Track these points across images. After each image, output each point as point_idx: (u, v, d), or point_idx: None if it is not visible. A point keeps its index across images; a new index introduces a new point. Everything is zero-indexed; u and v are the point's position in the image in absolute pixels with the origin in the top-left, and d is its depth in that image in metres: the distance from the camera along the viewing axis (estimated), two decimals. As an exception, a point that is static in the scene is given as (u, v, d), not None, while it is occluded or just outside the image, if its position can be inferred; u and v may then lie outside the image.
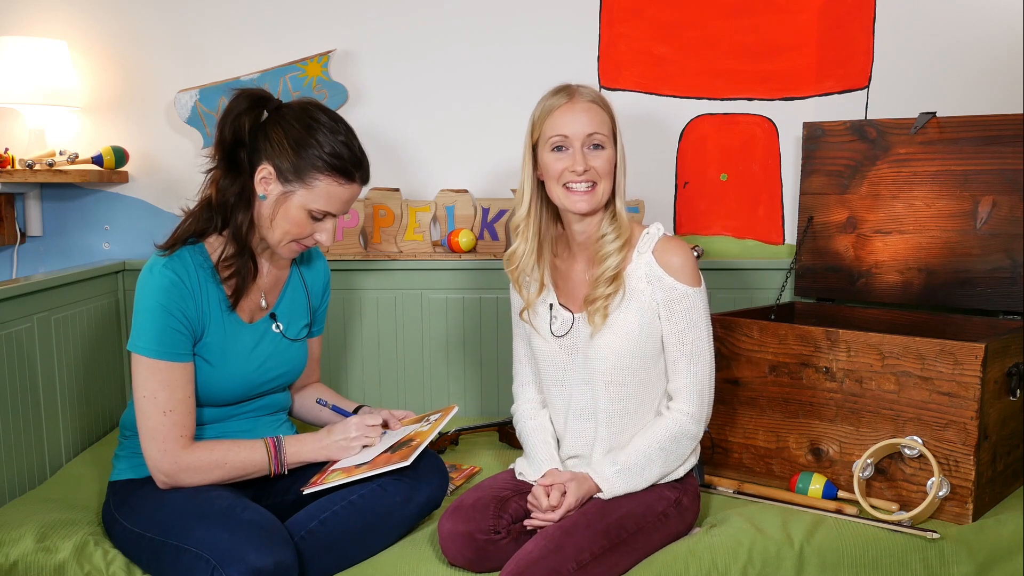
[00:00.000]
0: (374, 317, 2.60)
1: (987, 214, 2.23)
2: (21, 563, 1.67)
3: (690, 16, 2.63)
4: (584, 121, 1.74)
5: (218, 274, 1.75)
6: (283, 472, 1.75)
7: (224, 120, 1.72)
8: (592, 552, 1.62)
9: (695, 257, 1.81)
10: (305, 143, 1.69)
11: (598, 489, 1.75)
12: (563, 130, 1.75)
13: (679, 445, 1.78)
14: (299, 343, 1.90)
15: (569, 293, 1.85)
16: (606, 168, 1.76)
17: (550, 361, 1.85)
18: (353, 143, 1.74)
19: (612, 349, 1.77)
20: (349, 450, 1.78)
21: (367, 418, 1.82)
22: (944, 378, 1.84)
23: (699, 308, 1.78)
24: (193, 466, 1.69)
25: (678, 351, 1.78)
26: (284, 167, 1.69)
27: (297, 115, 1.72)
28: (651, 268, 1.77)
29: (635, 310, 1.77)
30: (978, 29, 2.57)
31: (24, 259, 2.67)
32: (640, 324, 1.77)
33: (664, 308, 1.77)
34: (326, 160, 1.69)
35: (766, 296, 2.58)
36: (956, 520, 1.85)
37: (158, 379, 1.68)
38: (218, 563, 1.51)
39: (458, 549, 1.67)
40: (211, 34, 2.62)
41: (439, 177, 2.68)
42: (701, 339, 1.78)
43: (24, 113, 2.56)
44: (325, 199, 1.71)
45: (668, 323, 1.77)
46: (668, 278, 1.76)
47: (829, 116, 2.61)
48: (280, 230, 1.73)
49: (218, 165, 1.75)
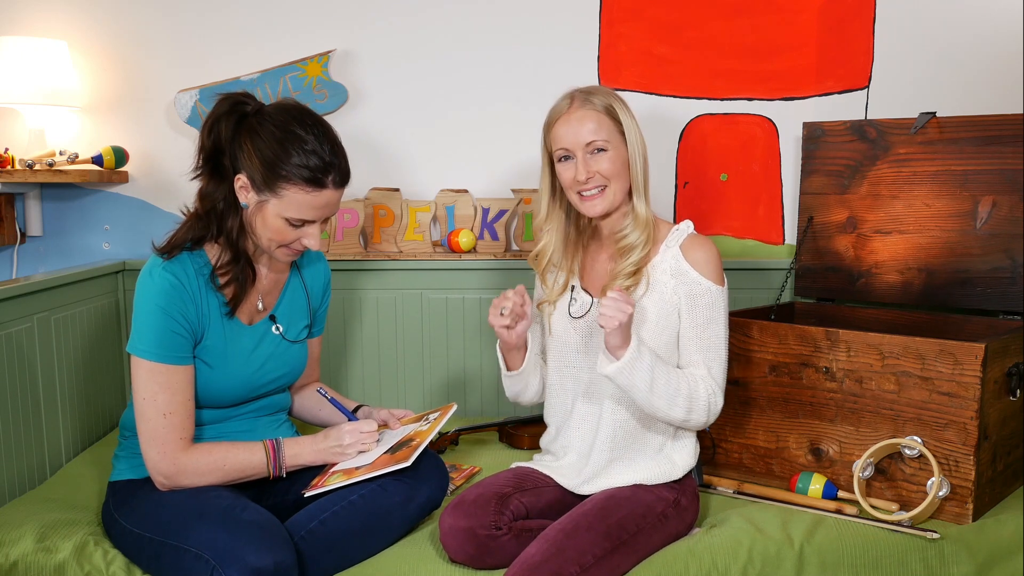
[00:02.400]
0: (374, 317, 2.60)
1: (987, 214, 2.23)
2: (21, 563, 1.67)
3: (690, 16, 2.63)
4: (581, 130, 1.76)
5: (217, 279, 1.74)
6: (281, 475, 1.75)
7: (204, 126, 1.71)
8: (594, 554, 1.62)
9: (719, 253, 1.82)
10: (272, 153, 1.66)
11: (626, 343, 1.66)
12: (563, 142, 1.78)
13: (693, 399, 1.74)
14: (299, 344, 1.90)
15: (592, 280, 1.88)
16: (612, 169, 1.77)
17: (563, 342, 1.87)
18: (323, 148, 1.68)
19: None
20: (344, 456, 1.78)
21: (362, 424, 1.81)
22: (944, 378, 1.84)
23: (720, 306, 1.79)
24: (192, 468, 1.69)
25: (695, 345, 1.78)
26: (256, 177, 1.68)
27: (268, 124, 1.68)
28: (677, 262, 1.79)
29: (655, 301, 1.78)
30: (978, 29, 2.56)
31: (24, 259, 2.67)
32: (657, 315, 1.78)
33: (686, 302, 1.78)
34: (292, 171, 1.66)
35: (766, 296, 2.58)
36: (956, 520, 1.85)
37: (158, 382, 1.68)
38: (218, 563, 1.51)
39: (459, 544, 1.67)
40: (211, 34, 2.62)
41: (439, 177, 2.67)
42: (719, 336, 1.79)
43: (24, 113, 2.56)
44: (296, 207, 1.69)
45: (688, 317, 1.78)
46: (693, 272, 1.78)
47: (829, 116, 2.61)
48: (265, 237, 1.73)
49: (202, 172, 1.74)
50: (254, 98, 1.74)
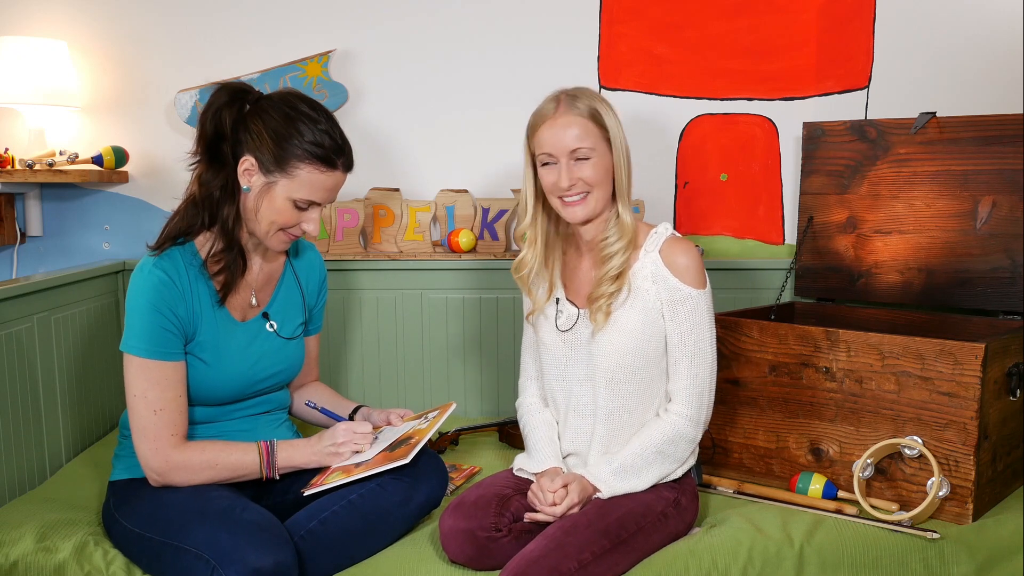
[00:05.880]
0: (374, 317, 2.60)
1: (987, 214, 2.23)
2: (21, 563, 1.67)
3: (690, 16, 2.63)
4: (566, 137, 1.74)
5: (207, 270, 1.75)
6: (274, 477, 1.75)
7: (205, 114, 1.73)
8: (593, 551, 1.62)
9: (701, 256, 1.81)
10: (285, 133, 1.69)
11: (596, 490, 1.75)
12: (546, 147, 1.76)
13: (676, 447, 1.78)
14: (295, 341, 1.90)
15: (576, 290, 1.87)
16: (596, 176, 1.75)
17: (553, 355, 1.86)
18: (334, 131, 1.73)
19: (614, 347, 1.77)
20: (338, 456, 1.77)
21: (356, 425, 1.80)
22: (944, 378, 1.84)
23: (703, 310, 1.78)
24: (183, 465, 1.69)
25: (680, 351, 1.78)
26: (265, 158, 1.70)
27: (277, 106, 1.72)
28: (656, 267, 1.77)
29: (639, 309, 1.77)
30: (978, 29, 2.56)
31: (24, 259, 2.67)
32: (643, 323, 1.77)
33: (668, 308, 1.77)
34: (306, 149, 1.69)
35: (766, 296, 2.58)
36: (956, 520, 1.85)
37: (148, 378, 1.68)
38: (218, 563, 1.51)
39: (459, 546, 1.67)
40: (211, 34, 2.62)
41: (439, 177, 2.67)
42: (704, 341, 1.78)
43: (24, 113, 2.56)
44: (308, 188, 1.71)
45: (672, 323, 1.78)
46: (673, 279, 1.76)
47: (829, 116, 2.61)
48: (266, 221, 1.73)
49: (200, 159, 1.75)
50: (253, 88, 1.77)
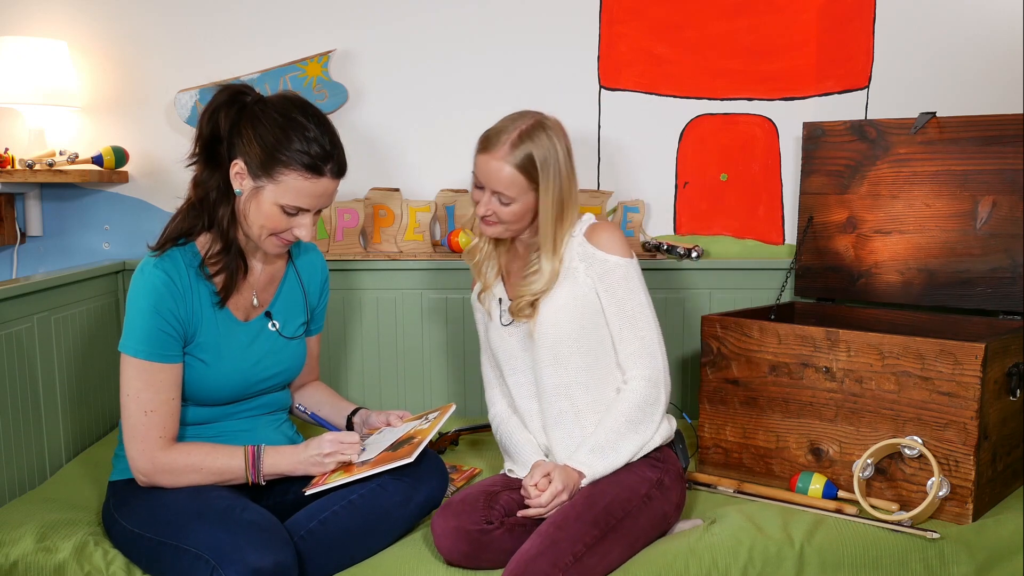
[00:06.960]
0: (374, 317, 2.60)
1: (987, 214, 2.23)
2: (21, 563, 1.67)
3: (690, 16, 2.63)
4: (491, 178, 1.82)
5: (206, 269, 1.75)
6: (260, 482, 1.74)
7: (203, 115, 1.73)
8: (585, 542, 1.64)
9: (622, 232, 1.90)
10: (272, 139, 1.68)
11: (580, 475, 1.77)
12: (478, 173, 1.86)
13: (643, 412, 1.82)
14: (296, 341, 1.90)
15: (513, 287, 1.95)
16: (513, 216, 1.84)
17: (505, 350, 1.94)
18: (324, 138, 1.70)
19: (551, 323, 1.85)
20: (323, 467, 1.74)
21: (343, 435, 1.78)
22: (944, 378, 1.84)
23: (634, 277, 1.86)
24: (169, 467, 1.69)
25: (620, 319, 1.85)
26: (253, 162, 1.69)
27: (270, 111, 1.70)
28: (584, 248, 1.86)
29: (568, 285, 1.86)
30: (978, 29, 2.57)
31: (24, 259, 2.67)
32: (575, 296, 1.85)
33: (600, 282, 1.85)
34: (292, 156, 1.67)
35: (766, 296, 2.58)
36: (956, 520, 1.85)
37: (143, 379, 1.68)
38: (217, 563, 1.51)
39: (452, 544, 1.67)
40: (211, 34, 2.62)
41: (439, 177, 2.67)
42: (642, 304, 1.86)
43: (24, 113, 2.56)
44: (294, 194, 1.70)
45: (606, 295, 1.85)
46: (599, 252, 1.85)
47: (829, 116, 2.62)
48: (256, 225, 1.73)
49: (198, 160, 1.75)
50: (253, 89, 1.76)
